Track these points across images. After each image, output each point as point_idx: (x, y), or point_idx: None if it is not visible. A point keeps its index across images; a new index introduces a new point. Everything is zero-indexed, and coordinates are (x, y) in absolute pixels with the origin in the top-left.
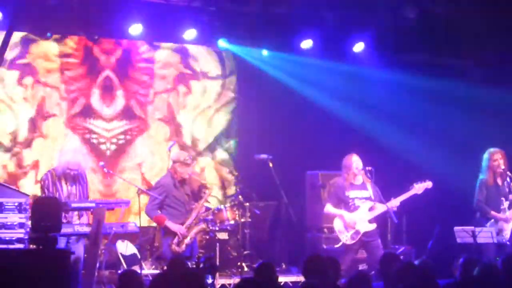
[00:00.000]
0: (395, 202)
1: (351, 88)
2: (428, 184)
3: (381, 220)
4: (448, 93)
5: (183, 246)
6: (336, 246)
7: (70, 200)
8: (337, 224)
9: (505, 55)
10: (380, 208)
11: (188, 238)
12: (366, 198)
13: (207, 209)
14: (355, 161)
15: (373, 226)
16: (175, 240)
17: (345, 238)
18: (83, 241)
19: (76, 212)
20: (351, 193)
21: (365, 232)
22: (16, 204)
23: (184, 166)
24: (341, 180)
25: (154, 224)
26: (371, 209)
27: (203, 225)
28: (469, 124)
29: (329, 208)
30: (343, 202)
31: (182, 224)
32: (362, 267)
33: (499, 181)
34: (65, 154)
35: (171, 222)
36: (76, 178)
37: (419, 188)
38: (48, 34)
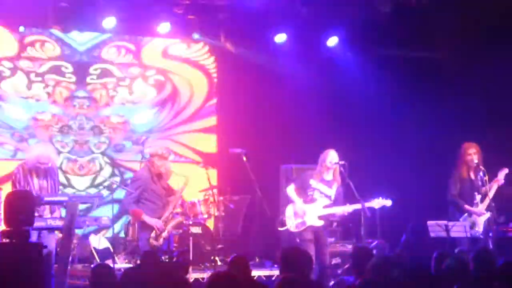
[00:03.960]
0: (347, 209)
1: (326, 82)
2: (387, 202)
3: (354, 214)
4: (422, 87)
5: (161, 240)
6: (280, 229)
7: (42, 194)
8: (289, 209)
9: (480, 48)
10: (335, 210)
11: (166, 232)
12: (326, 196)
13: (183, 202)
14: (331, 155)
15: (321, 223)
16: (153, 234)
17: (290, 224)
18: (54, 235)
19: (48, 206)
20: (315, 184)
21: (311, 225)
22: None
23: (162, 160)
24: (314, 171)
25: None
26: (326, 206)
27: (180, 218)
28: (443, 117)
29: (291, 189)
30: (304, 189)
31: (159, 218)
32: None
33: (472, 175)
34: (35, 148)
35: (148, 216)
36: (47, 172)
37: (378, 203)
38: (22, 29)
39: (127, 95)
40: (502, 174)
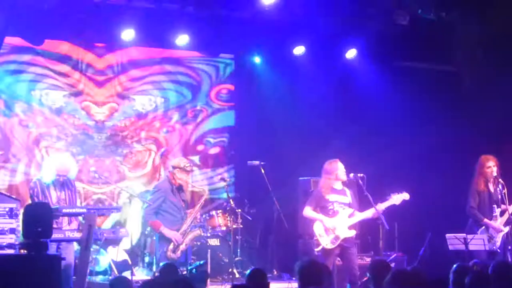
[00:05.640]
0: (370, 212)
1: (344, 94)
2: (405, 195)
3: (372, 227)
4: (441, 100)
5: (179, 253)
6: (316, 250)
7: (60, 205)
8: (318, 228)
9: (498, 61)
10: (359, 216)
11: (184, 245)
12: (346, 204)
13: (201, 215)
14: (340, 167)
15: (353, 232)
16: (171, 247)
17: (326, 242)
18: (73, 247)
19: (66, 218)
20: (331, 197)
21: (345, 238)
22: (7, 209)
23: (183, 173)
24: (321, 184)
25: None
26: (350, 215)
27: (198, 231)
28: (462, 131)
29: (308, 211)
30: (322, 206)
31: (178, 230)
32: None
33: (491, 188)
34: (53, 160)
35: (166, 228)
36: (65, 184)
37: (397, 198)
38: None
39: None
40: None
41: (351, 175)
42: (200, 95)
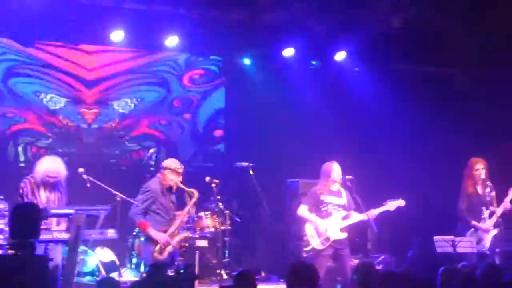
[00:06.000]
0: (363, 216)
1: (333, 96)
2: (401, 202)
3: (361, 229)
4: (432, 101)
5: (165, 254)
6: (306, 249)
7: (48, 206)
8: (309, 229)
9: (491, 63)
10: (355, 218)
11: (171, 246)
12: (340, 206)
13: (190, 217)
14: (335, 169)
15: (344, 235)
16: (157, 248)
17: (316, 243)
18: (60, 248)
19: (54, 219)
20: (327, 198)
21: (336, 240)
22: None
23: (174, 174)
24: (319, 185)
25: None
26: (344, 217)
27: (186, 233)
28: (453, 131)
29: (303, 210)
30: (316, 206)
31: (165, 231)
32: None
33: (480, 190)
34: (44, 162)
35: (154, 230)
36: (55, 185)
37: (392, 205)
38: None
39: None
40: None
41: (340, 174)
42: (173, 86)
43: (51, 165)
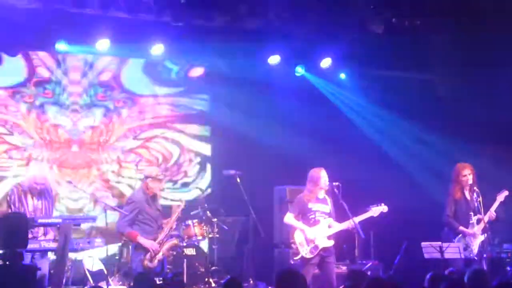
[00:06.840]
0: (348, 223)
1: (319, 103)
2: (384, 208)
3: (348, 235)
4: (414, 107)
5: (155, 262)
6: (295, 258)
7: (36, 215)
8: (298, 237)
9: (471, 69)
10: (338, 227)
11: (161, 254)
12: (326, 213)
13: (177, 224)
14: (323, 176)
15: (331, 242)
16: (148, 256)
17: (305, 251)
18: (48, 257)
19: (41, 228)
20: (314, 206)
21: (324, 247)
22: None
23: (156, 182)
24: (306, 192)
25: None
26: (330, 226)
27: (175, 241)
28: (436, 136)
29: (290, 218)
30: (304, 214)
31: (154, 240)
32: None
33: (467, 195)
34: (32, 168)
35: (143, 238)
36: (42, 192)
37: (375, 210)
38: None
39: None
40: (502, 195)
41: (327, 182)
42: None
43: (38, 171)
